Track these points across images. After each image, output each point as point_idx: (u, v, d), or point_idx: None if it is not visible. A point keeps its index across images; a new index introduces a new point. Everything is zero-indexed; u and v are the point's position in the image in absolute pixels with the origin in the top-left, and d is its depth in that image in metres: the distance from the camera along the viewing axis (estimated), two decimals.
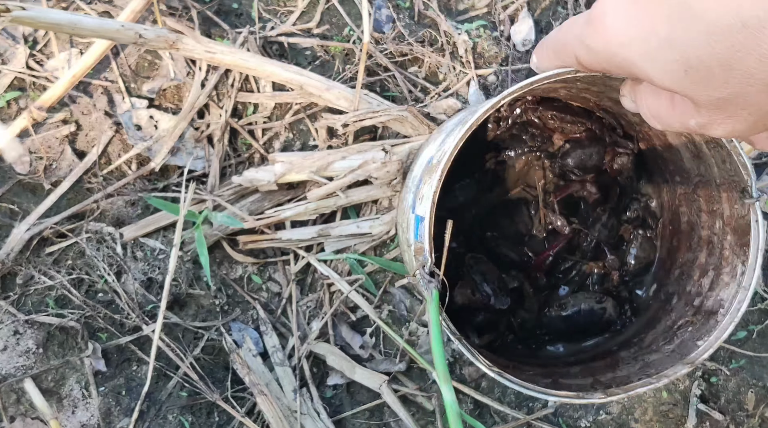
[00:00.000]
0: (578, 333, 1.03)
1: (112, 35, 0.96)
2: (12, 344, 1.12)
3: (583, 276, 1.09)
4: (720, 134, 0.41)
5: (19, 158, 1.17)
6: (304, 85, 1.11)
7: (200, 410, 1.15)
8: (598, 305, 1.02)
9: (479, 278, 0.97)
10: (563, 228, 1.07)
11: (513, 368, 0.90)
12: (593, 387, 0.82)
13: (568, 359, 1.01)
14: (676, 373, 0.78)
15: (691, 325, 0.87)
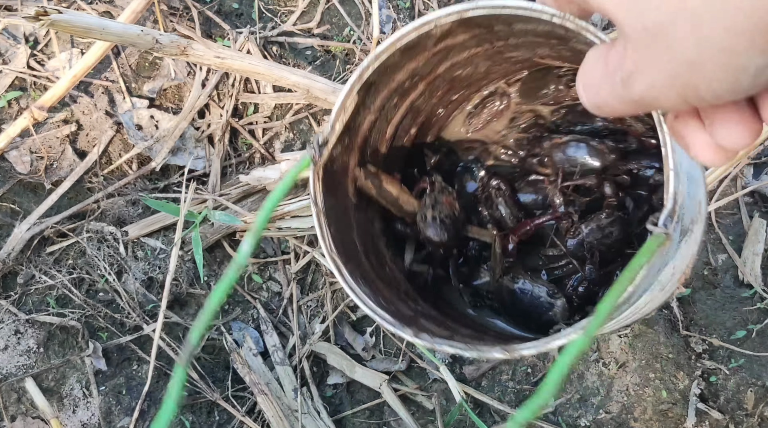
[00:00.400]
0: (519, 316, 0.96)
1: (133, 40, 0.96)
2: (13, 343, 1.13)
3: (567, 273, 1.01)
4: (639, 90, 0.37)
5: (20, 157, 1.18)
6: (311, 89, 1.12)
7: (201, 409, 1.15)
8: (548, 298, 0.94)
9: (430, 200, 0.91)
10: (557, 206, 0.99)
11: (422, 314, 0.84)
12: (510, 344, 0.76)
13: (498, 336, 0.94)
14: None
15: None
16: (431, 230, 0.88)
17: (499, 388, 1.18)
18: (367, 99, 0.72)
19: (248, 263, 1.19)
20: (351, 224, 0.81)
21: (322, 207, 0.69)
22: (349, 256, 0.74)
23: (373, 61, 0.65)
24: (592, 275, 0.96)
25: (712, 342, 1.17)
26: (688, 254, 0.83)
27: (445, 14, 0.61)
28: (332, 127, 0.67)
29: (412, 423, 1.13)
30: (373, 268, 0.83)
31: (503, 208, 1.00)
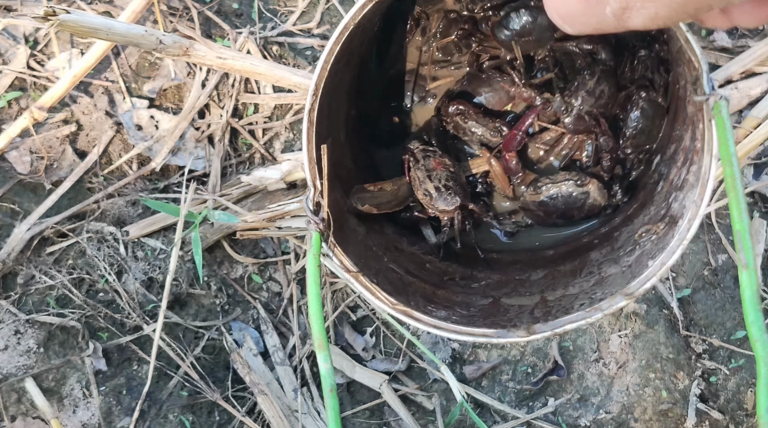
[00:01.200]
0: (560, 218, 0.89)
1: (138, 41, 0.96)
2: (13, 343, 1.13)
3: (573, 150, 0.93)
4: (639, 23, 0.34)
5: (20, 157, 1.18)
6: None
7: (201, 409, 1.15)
8: (579, 189, 0.87)
9: (422, 174, 0.85)
10: (532, 99, 0.89)
11: (458, 279, 0.82)
12: (532, 312, 0.74)
13: (544, 253, 0.90)
14: (611, 307, 0.69)
15: (655, 233, 0.76)
16: (441, 202, 0.84)
17: (499, 388, 1.18)
18: (320, 126, 0.69)
19: (248, 263, 1.19)
20: (378, 255, 0.79)
21: (353, 267, 0.67)
22: (397, 287, 0.73)
23: (313, 101, 0.65)
24: (609, 143, 0.88)
25: (712, 342, 1.17)
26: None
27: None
28: (315, 186, 0.65)
29: (412, 424, 1.13)
30: (420, 278, 0.80)
31: (477, 128, 0.92)
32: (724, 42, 1.23)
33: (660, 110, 0.88)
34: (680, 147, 0.79)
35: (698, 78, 0.63)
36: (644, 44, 0.87)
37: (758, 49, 1.19)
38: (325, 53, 0.64)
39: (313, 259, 0.60)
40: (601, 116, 0.87)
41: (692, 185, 0.72)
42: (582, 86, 0.87)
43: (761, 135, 1.14)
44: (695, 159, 0.73)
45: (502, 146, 0.91)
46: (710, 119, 0.63)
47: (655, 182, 0.85)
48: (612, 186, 0.90)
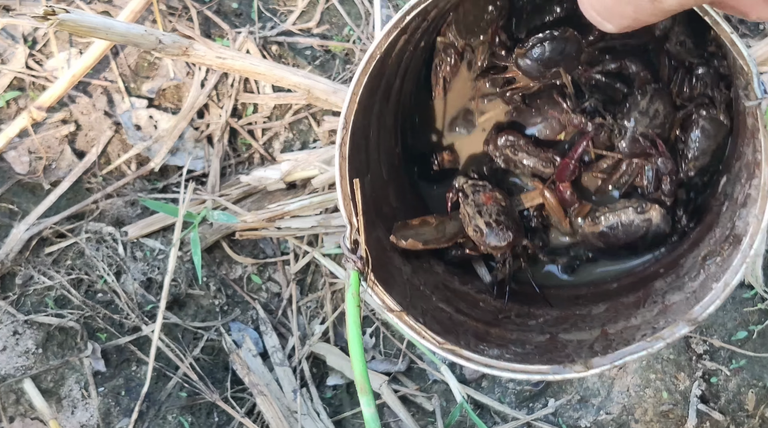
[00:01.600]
0: (623, 249, 0.85)
1: (137, 40, 0.96)
2: (11, 344, 1.12)
3: (632, 176, 0.88)
4: (675, 2, 0.34)
5: (19, 157, 1.17)
6: (312, 89, 1.11)
7: (200, 410, 1.15)
8: (640, 216, 0.82)
9: (472, 210, 0.81)
10: (583, 125, 0.84)
11: (514, 317, 0.79)
12: (591, 347, 0.72)
13: (608, 286, 0.86)
14: (674, 335, 0.67)
15: (719, 255, 0.72)
16: (493, 238, 0.80)
17: (499, 389, 1.18)
18: (354, 163, 0.67)
19: (247, 263, 1.19)
20: (425, 294, 0.76)
21: (396, 306, 0.65)
22: (446, 326, 0.70)
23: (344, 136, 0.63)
24: (667, 165, 0.82)
25: (713, 343, 1.17)
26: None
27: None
28: (351, 223, 0.63)
29: (412, 424, 1.13)
30: (472, 317, 0.77)
31: (529, 160, 0.87)
32: None
33: (723, 129, 0.83)
34: (743, 163, 0.76)
35: (749, 82, 0.60)
36: (702, 61, 0.84)
37: (759, 49, 1.19)
38: (353, 84, 0.63)
39: (352, 299, 0.58)
40: (657, 137, 0.83)
41: (754, 199, 0.69)
42: (634, 107, 0.83)
43: None
44: (756, 172, 0.70)
45: (556, 176, 0.87)
46: (765, 124, 0.61)
47: (721, 204, 0.81)
48: (676, 211, 0.85)
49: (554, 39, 0.81)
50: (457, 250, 0.84)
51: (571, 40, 0.82)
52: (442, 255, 0.84)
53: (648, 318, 0.74)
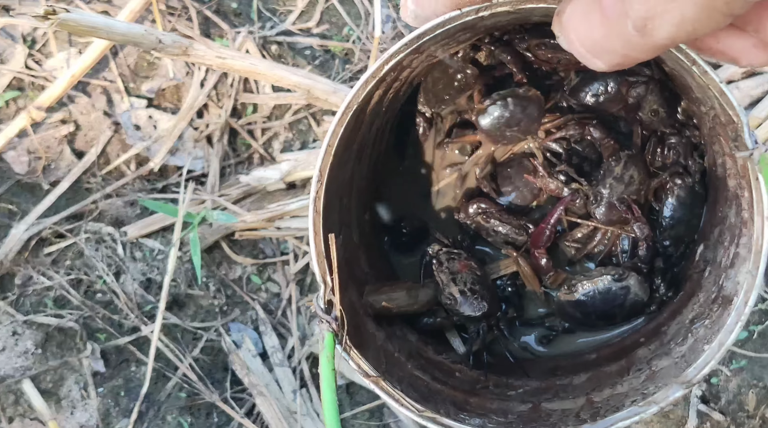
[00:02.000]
0: (601, 319, 0.84)
1: (137, 40, 0.96)
2: (10, 344, 1.12)
3: (608, 245, 0.87)
4: (666, 35, 0.32)
5: (18, 157, 1.17)
6: (312, 89, 1.11)
7: (199, 411, 1.15)
8: (618, 284, 0.81)
9: (446, 278, 0.80)
10: (558, 191, 0.84)
11: (492, 387, 0.78)
12: (578, 415, 0.70)
13: (587, 357, 0.85)
14: (667, 398, 0.65)
15: (708, 317, 0.72)
16: (467, 307, 0.79)
17: None
18: (330, 221, 0.65)
19: (247, 264, 1.19)
20: (400, 360, 0.74)
21: (373, 371, 0.63)
22: (423, 394, 0.68)
23: (318, 187, 0.61)
24: (644, 230, 0.82)
25: None
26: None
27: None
28: (326, 282, 0.59)
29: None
30: (450, 386, 0.76)
31: (501, 227, 0.87)
32: None
33: (698, 197, 0.83)
34: (725, 226, 0.75)
35: (739, 134, 0.59)
36: (674, 131, 0.84)
37: None
38: (329, 135, 0.60)
39: (326, 362, 0.54)
40: (633, 202, 0.82)
41: (744, 258, 0.67)
42: (609, 173, 0.82)
43: (762, 134, 1.14)
44: (744, 231, 0.69)
45: (530, 243, 0.85)
46: (756, 176, 0.59)
47: (701, 270, 0.79)
48: (654, 280, 0.83)
49: (516, 97, 0.80)
50: (429, 318, 0.82)
51: (534, 101, 0.81)
52: (416, 324, 0.82)
53: (635, 385, 0.72)
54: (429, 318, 0.82)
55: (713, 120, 0.70)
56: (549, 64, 0.83)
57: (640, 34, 0.33)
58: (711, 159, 0.80)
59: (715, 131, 0.72)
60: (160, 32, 0.99)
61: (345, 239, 0.72)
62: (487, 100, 0.81)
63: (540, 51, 0.81)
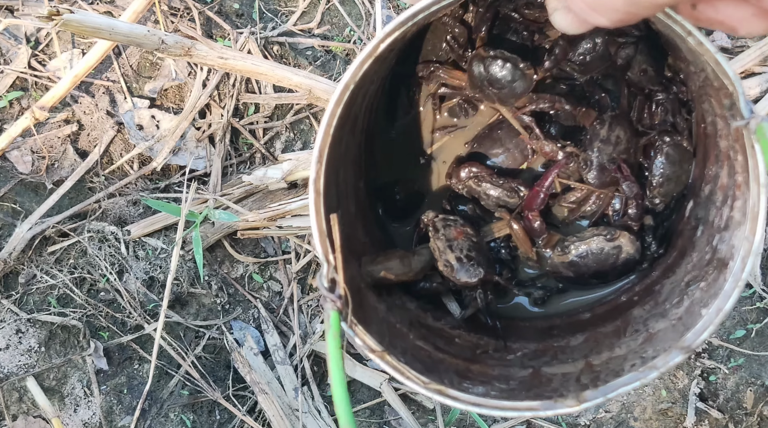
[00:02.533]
0: (593, 278, 0.84)
1: (140, 41, 0.97)
2: (14, 342, 1.13)
3: (601, 207, 0.87)
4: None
5: (21, 157, 1.18)
6: (313, 89, 1.12)
7: (201, 408, 1.15)
8: (610, 243, 0.81)
9: (442, 244, 0.80)
10: (553, 154, 0.84)
11: (492, 351, 0.78)
12: (578, 379, 0.70)
13: (581, 316, 0.85)
14: (667, 363, 0.65)
15: (703, 279, 0.71)
16: (464, 274, 0.79)
17: None
18: (329, 198, 0.65)
19: (249, 262, 1.20)
20: (402, 332, 0.74)
21: (378, 346, 0.63)
22: (427, 365, 0.69)
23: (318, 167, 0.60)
24: (633, 189, 0.82)
25: (712, 341, 1.17)
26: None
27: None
28: (328, 261, 0.59)
29: (412, 423, 1.13)
30: (451, 354, 0.76)
31: (493, 190, 0.86)
32: (723, 42, 1.23)
33: (687, 154, 0.84)
34: (717, 186, 0.75)
35: (734, 103, 0.59)
36: (661, 88, 0.84)
37: (757, 49, 1.19)
38: (327, 116, 0.60)
39: (333, 341, 0.53)
40: (623, 162, 0.83)
41: (739, 222, 0.67)
42: (595, 137, 0.83)
43: None
44: (738, 194, 0.68)
45: (524, 205, 0.85)
46: (752, 145, 0.59)
47: (693, 228, 0.80)
48: (645, 238, 0.85)
49: (515, 66, 0.80)
50: (426, 282, 0.82)
51: (526, 79, 0.81)
52: (414, 291, 0.82)
53: (633, 348, 0.72)
54: (425, 283, 0.82)
55: (703, 81, 0.69)
56: (536, 23, 0.83)
57: None
58: (699, 116, 0.80)
59: (705, 91, 0.71)
60: (163, 33, 1.00)
61: (343, 212, 0.71)
62: (492, 51, 0.80)
63: (527, 11, 0.82)
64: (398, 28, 0.58)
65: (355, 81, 0.60)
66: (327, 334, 0.53)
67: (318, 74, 1.17)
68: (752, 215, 0.62)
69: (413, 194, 0.89)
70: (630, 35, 0.81)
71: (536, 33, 0.86)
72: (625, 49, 0.82)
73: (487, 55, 0.81)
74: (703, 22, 0.42)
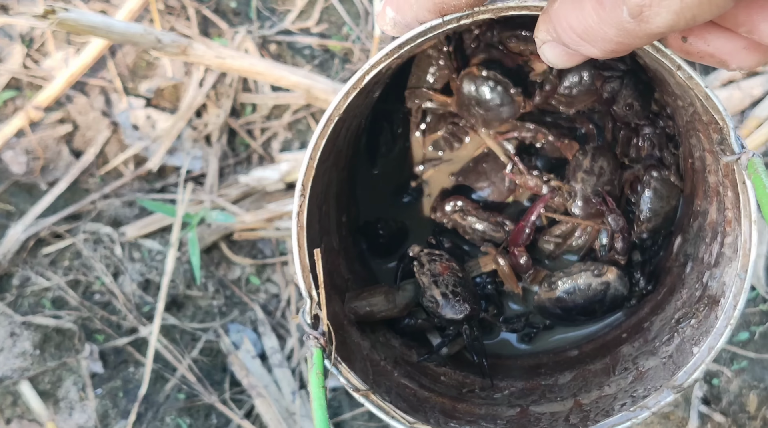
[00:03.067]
0: (581, 314, 0.84)
1: (136, 40, 0.96)
2: (8, 345, 1.12)
3: (587, 241, 0.87)
4: (663, 23, 0.32)
5: (16, 157, 1.17)
6: (311, 89, 1.11)
7: (198, 412, 1.15)
8: (597, 279, 0.82)
9: (428, 280, 0.79)
10: (537, 188, 0.85)
11: (478, 390, 0.79)
12: (567, 419, 0.71)
13: (569, 353, 0.85)
14: (659, 403, 0.65)
15: (694, 317, 0.71)
16: (449, 310, 0.78)
17: None
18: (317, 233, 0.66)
19: (246, 264, 1.19)
20: (387, 369, 0.74)
21: (363, 385, 0.63)
22: (412, 404, 0.69)
23: (301, 200, 0.61)
24: (618, 222, 0.82)
25: None
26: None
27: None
28: (312, 296, 0.60)
29: None
30: (437, 392, 0.76)
31: (479, 225, 0.87)
32: None
33: (674, 190, 0.84)
34: (706, 222, 0.76)
35: (725, 137, 0.60)
36: (647, 121, 0.84)
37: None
38: (310, 149, 0.60)
39: (316, 379, 0.54)
40: (607, 194, 0.83)
41: (730, 258, 0.68)
42: (578, 168, 0.83)
43: (763, 135, 1.13)
44: (728, 231, 0.69)
45: (509, 241, 0.84)
46: (743, 180, 0.60)
47: (681, 265, 0.80)
48: (633, 274, 0.84)
49: (505, 90, 0.81)
50: (410, 319, 0.81)
51: (514, 105, 0.82)
52: (397, 328, 0.82)
53: (623, 386, 0.72)
54: (410, 320, 0.81)
55: (692, 115, 0.70)
56: (521, 56, 0.83)
57: (636, 21, 0.32)
58: (686, 151, 0.80)
59: (693, 125, 0.72)
60: (160, 32, 0.99)
61: (326, 246, 0.72)
62: (485, 71, 0.81)
63: (512, 43, 0.81)
64: (383, 60, 0.58)
65: (340, 113, 0.60)
66: (309, 373, 0.54)
67: (316, 74, 1.16)
68: (743, 252, 0.63)
69: (396, 231, 0.89)
70: (616, 69, 0.81)
71: (523, 66, 0.86)
72: (610, 83, 0.82)
73: (480, 75, 0.81)
74: (693, 56, 0.41)
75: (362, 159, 0.88)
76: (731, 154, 0.59)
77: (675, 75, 0.59)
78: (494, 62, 0.85)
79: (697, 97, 0.61)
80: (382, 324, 0.80)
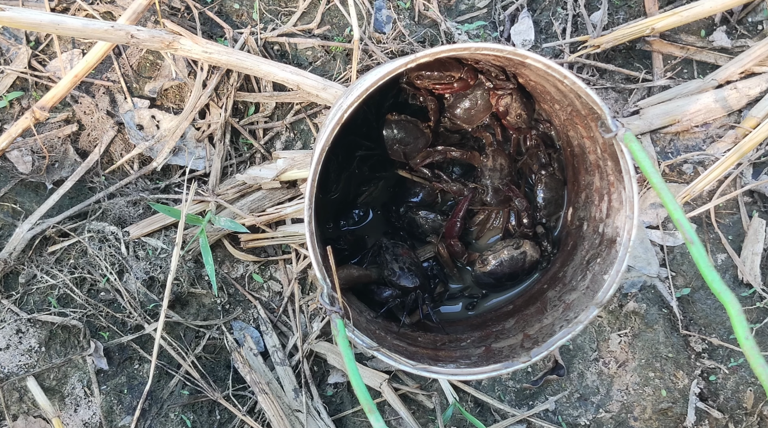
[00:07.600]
0: (509, 280, 1.08)
1: (100, 36, 0.97)
2: (15, 342, 1.13)
3: (502, 222, 1.14)
4: None
5: (22, 157, 1.18)
6: (301, 85, 1.13)
7: (201, 408, 1.16)
8: (517, 251, 1.07)
9: (390, 257, 1.06)
10: (459, 191, 1.11)
11: (448, 342, 1.00)
12: (522, 345, 0.90)
13: (506, 308, 1.09)
14: (588, 317, 0.84)
15: (599, 256, 0.92)
16: (405, 279, 1.05)
17: (499, 387, 1.19)
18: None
19: (249, 262, 1.20)
20: (382, 335, 0.95)
21: (374, 344, 0.83)
22: (408, 355, 0.89)
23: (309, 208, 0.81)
24: (523, 203, 1.08)
25: (712, 342, 1.17)
26: None
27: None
28: (327, 283, 0.78)
29: (412, 422, 1.14)
30: (420, 346, 0.98)
31: (424, 221, 1.13)
32: (723, 42, 1.23)
33: (560, 183, 1.11)
34: (593, 190, 1.00)
35: (604, 121, 0.80)
36: (532, 125, 1.11)
37: (757, 49, 1.19)
38: (312, 171, 0.78)
39: (343, 341, 0.74)
40: (511, 183, 1.10)
41: (617, 208, 0.89)
42: (484, 168, 1.10)
43: (760, 134, 1.14)
44: (612, 190, 0.91)
45: (445, 234, 1.10)
46: (621, 149, 0.80)
47: (578, 226, 1.05)
48: (542, 243, 1.10)
49: (415, 127, 1.10)
50: (385, 291, 1.06)
51: (424, 137, 1.10)
52: (373, 303, 1.07)
53: (557, 316, 0.92)
54: (385, 291, 1.06)
55: (570, 113, 0.94)
56: (427, 89, 1.08)
57: None
58: (565, 142, 1.08)
59: (572, 120, 0.96)
60: (135, 28, 1.00)
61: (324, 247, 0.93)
62: (396, 116, 1.09)
63: (418, 81, 1.07)
64: (356, 101, 0.78)
65: (329, 144, 0.79)
66: (338, 337, 0.74)
67: (317, 75, 1.17)
68: (629, 199, 0.84)
69: (355, 242, 1.13)
70: (506, 88, 1.06)
71: (425, 98, 1.11)
72: (503, 99, 1.07)
73: (394, 119, 1.09)
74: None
75: (325, 184, 1.12)
76: (611, 132, 0.79)
77: (559, 84, 0.82)
78: (404, 104, 1.12)
79: (577, 97, 0.84)
80: (365, 306, 1.05)
